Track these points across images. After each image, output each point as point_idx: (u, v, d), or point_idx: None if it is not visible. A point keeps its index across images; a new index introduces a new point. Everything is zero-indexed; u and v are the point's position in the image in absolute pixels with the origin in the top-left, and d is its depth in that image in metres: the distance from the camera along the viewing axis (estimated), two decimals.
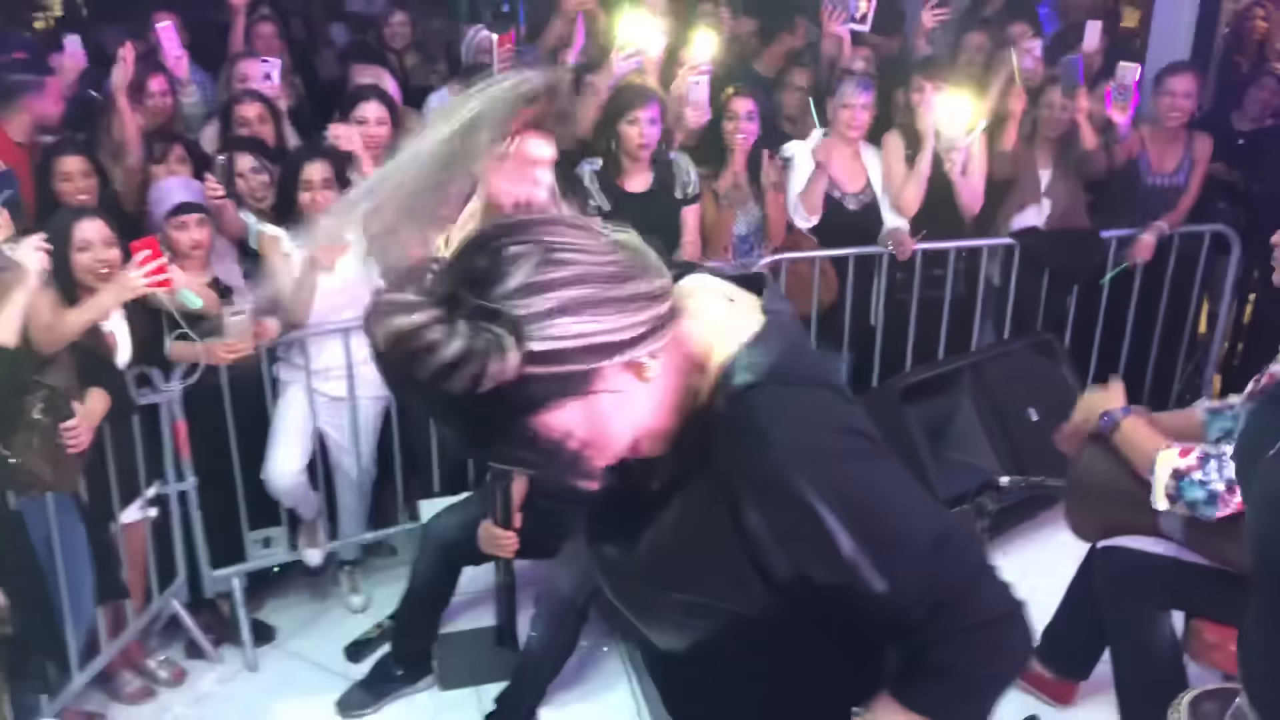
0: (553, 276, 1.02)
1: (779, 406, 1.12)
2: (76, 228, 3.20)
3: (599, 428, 1.09)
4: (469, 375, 0.99)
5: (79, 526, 3.22)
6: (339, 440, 3.88)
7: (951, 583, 1.13)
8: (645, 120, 3.88)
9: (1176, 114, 4.47)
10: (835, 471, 1.11)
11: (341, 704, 3.43)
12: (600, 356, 1.04)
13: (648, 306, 1.07)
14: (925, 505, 1.16)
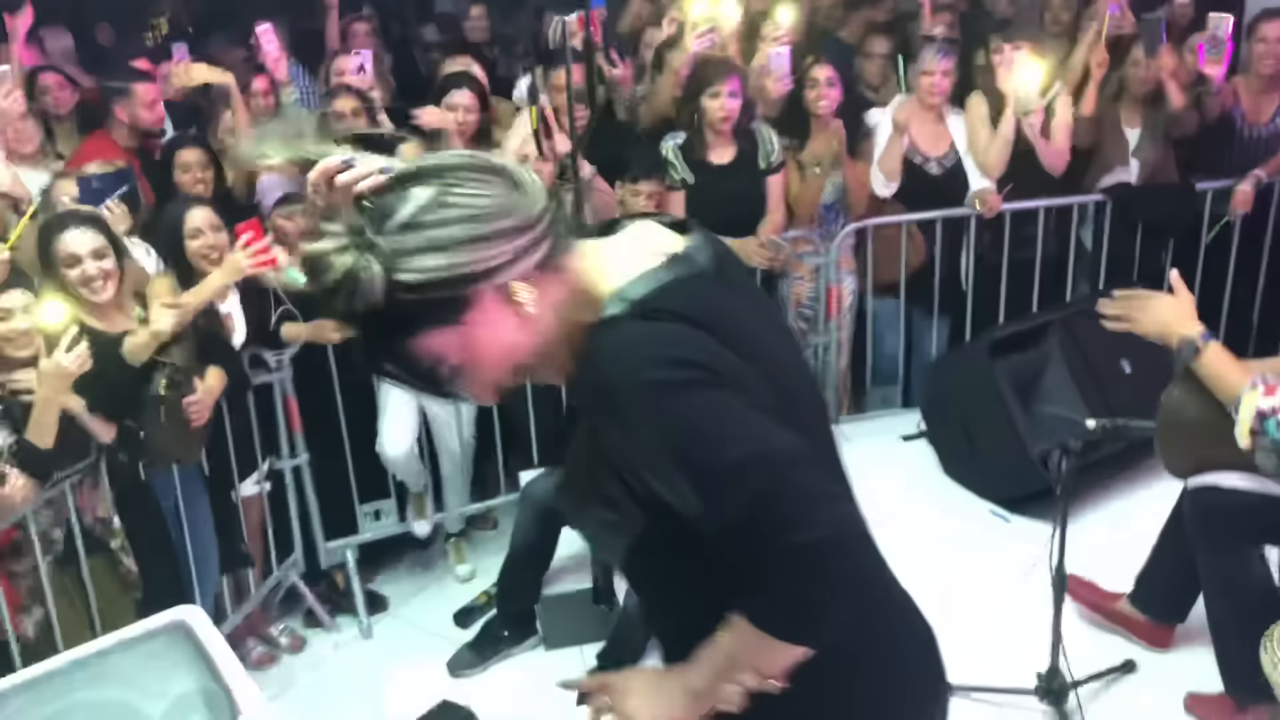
0: (431, 217, 1.17)
1: (625, 336, 1.22)
2: (187, 216, 3.40)
3: (473, 352, 1.22)
4: (345, 295, 1.16)
5: (203, 497, 3.43)
6: (441, 416, 4.03)
7: (766, 505, 1.15)
8: (726, 93, 3.95)
9: (1271, 60, 4.35)
10: (657, 398, 1.18)
11: (451, 664, 3.57)
12: (463, 286, 1.18)
13: (512, 238, 1.19)
14: (743, 431, 1.18)
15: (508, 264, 1.19)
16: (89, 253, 3.01)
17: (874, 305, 4.50)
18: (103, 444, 3.00)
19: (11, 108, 3.75)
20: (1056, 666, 2.77)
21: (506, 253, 1.19)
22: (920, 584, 3.47)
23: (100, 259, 3.03)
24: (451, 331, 1.20)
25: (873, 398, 4.70)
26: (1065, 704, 2.77)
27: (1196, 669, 2.89)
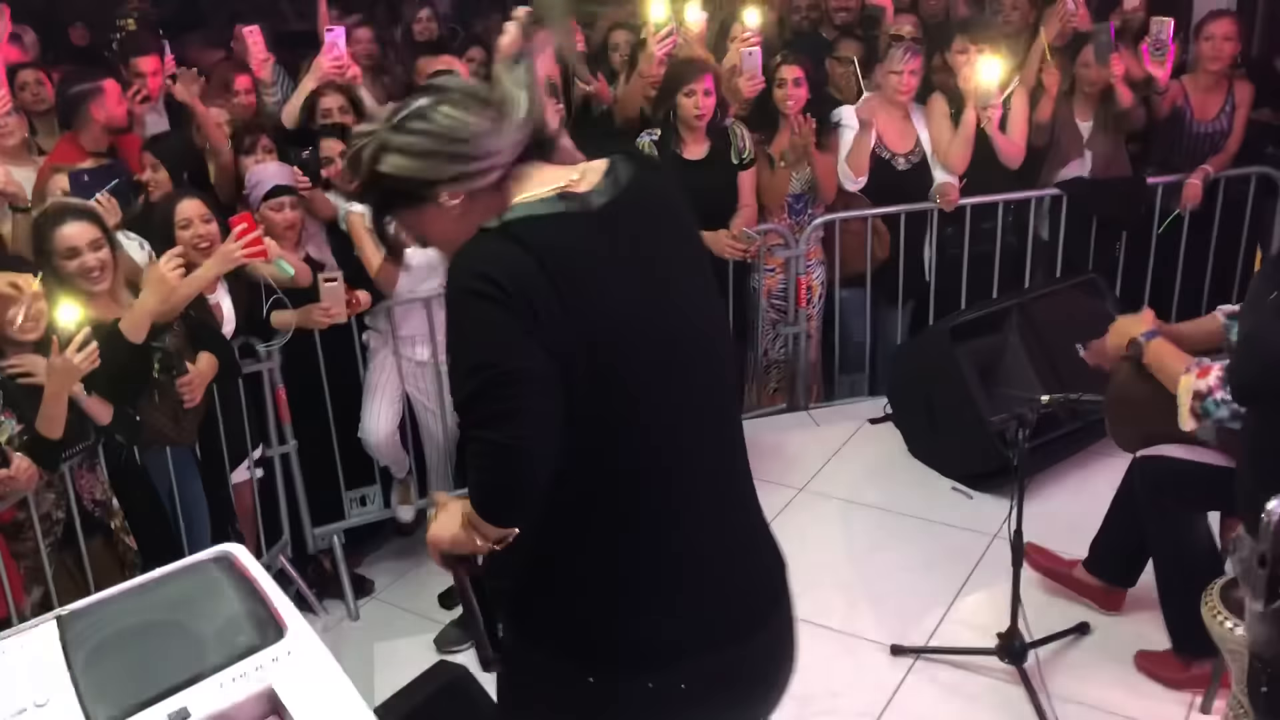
0: (414, 124, 1.53)
1: (470, 247, 1.50)
2: (178, 208, 3.51)
3: (426, 233, 1.63)
4: (349, 165, 1.61)
5: (197, 479, 3.53)
6: (425, 403, 4.15)
7: (477, 403, 1.44)
8: (700, 91, 4.10)
9: (1219, 58, 4.54)
10: (455, 298, 1.49)
11: (438, 640, 3.68)
12: (416, 186, 1.55)
13: (466, 162, 1.52)
14: (492, 343, 1.45)
15: (451, 180, 1.53)
16: (86, 244, 3.12)
17: (841, 295, 4.67)
18: (99, 426, 3.10)
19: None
20: (1015, 628, 2.93)
21: (455, 173, 1.52)
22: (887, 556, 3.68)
23: (97, 250, 3.14)
24: (411, 214, 1.60)
25: (841, 385, 4.87)
26: (1024, 663, 2.93)
27: (1146, 630, 3.07)
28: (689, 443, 1.58)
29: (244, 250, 3.36)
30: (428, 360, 4.07)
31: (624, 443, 1.53)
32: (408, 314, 4.00)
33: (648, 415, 1.54)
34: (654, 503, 1.56)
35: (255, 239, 3.38)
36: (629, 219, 1.55)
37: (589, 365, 1.46)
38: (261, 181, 3.83)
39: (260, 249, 3.41)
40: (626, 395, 1.51)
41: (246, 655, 1.54)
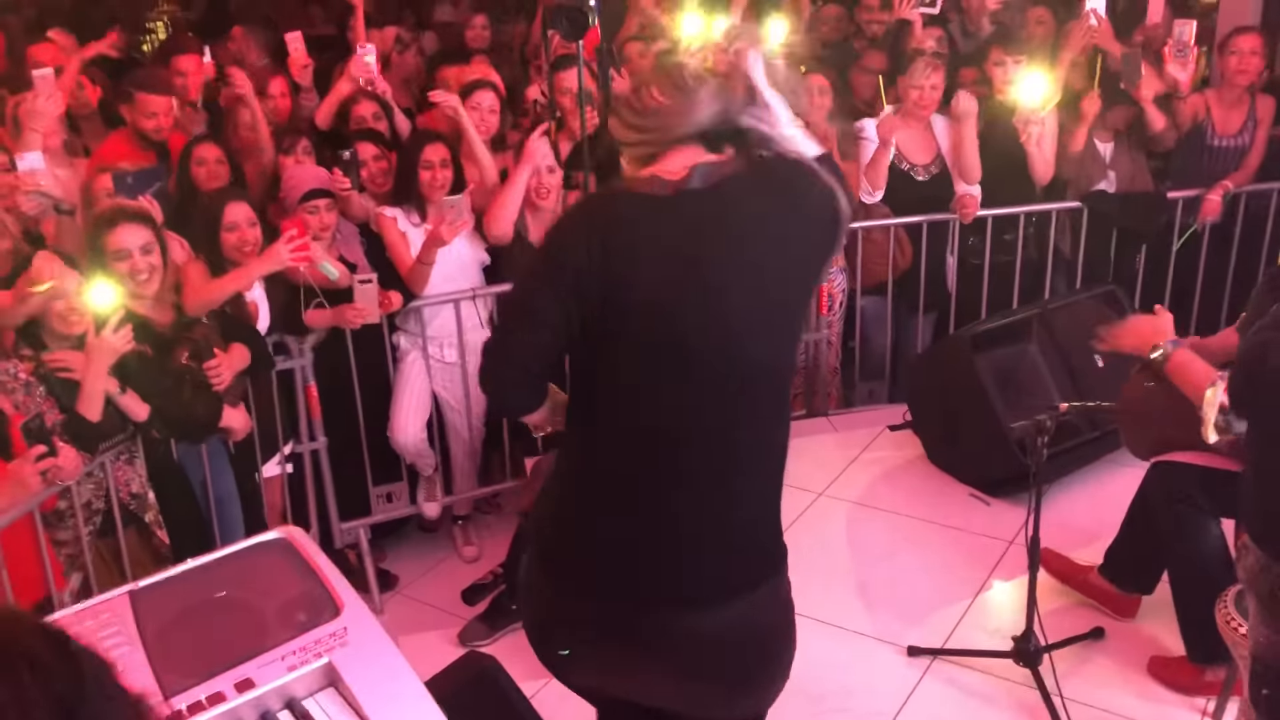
0: (623, 97, 1.86)
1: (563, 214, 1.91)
2: (227, 209, 3.59)
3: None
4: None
5: (229, 473, 3.61)
6: (452, 403, 4.24)
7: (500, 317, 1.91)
8: None
9: (1244, 72, 4.58)
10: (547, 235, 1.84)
11: (463, 635, 3.76)
12: (616, 149, 1.86)
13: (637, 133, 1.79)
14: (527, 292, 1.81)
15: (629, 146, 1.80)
16: (139, 247, 3.21)
17: (863, 303, 4.74)
18: (137, 421, 3.18)
19: (51, 109, 3.92)
20: (1030, 631, 2.99)
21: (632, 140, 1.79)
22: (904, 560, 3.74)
23: (148, 254, 3.23)
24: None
25: (860, 391, 4.94)
26: (1038, 666, 2.98)
27: (1160, 636, 3.12)
28: (679, 428, 1.76)
29: (292, 254, 3.47)
30: (455, 361, 4.16)
31: (622, 403, 1.76)
32: (436, 315, 4.09)
33: (645, 386, 1.73)
34: (636, 464, 1.78)
35: (303, 244, 3.49)
36: (696, 211, 1.71)
37: (604, 322, 1.69)
38: (299, 184, 3.92)
39: (306, 253, 3.51)
40: (627, 360, 1.72)
41: (306, 631, 1.63)
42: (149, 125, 4.28)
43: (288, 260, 3.46)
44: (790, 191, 1.73)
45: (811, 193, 1.72)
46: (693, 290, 1.68)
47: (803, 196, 1.73)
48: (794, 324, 1.85)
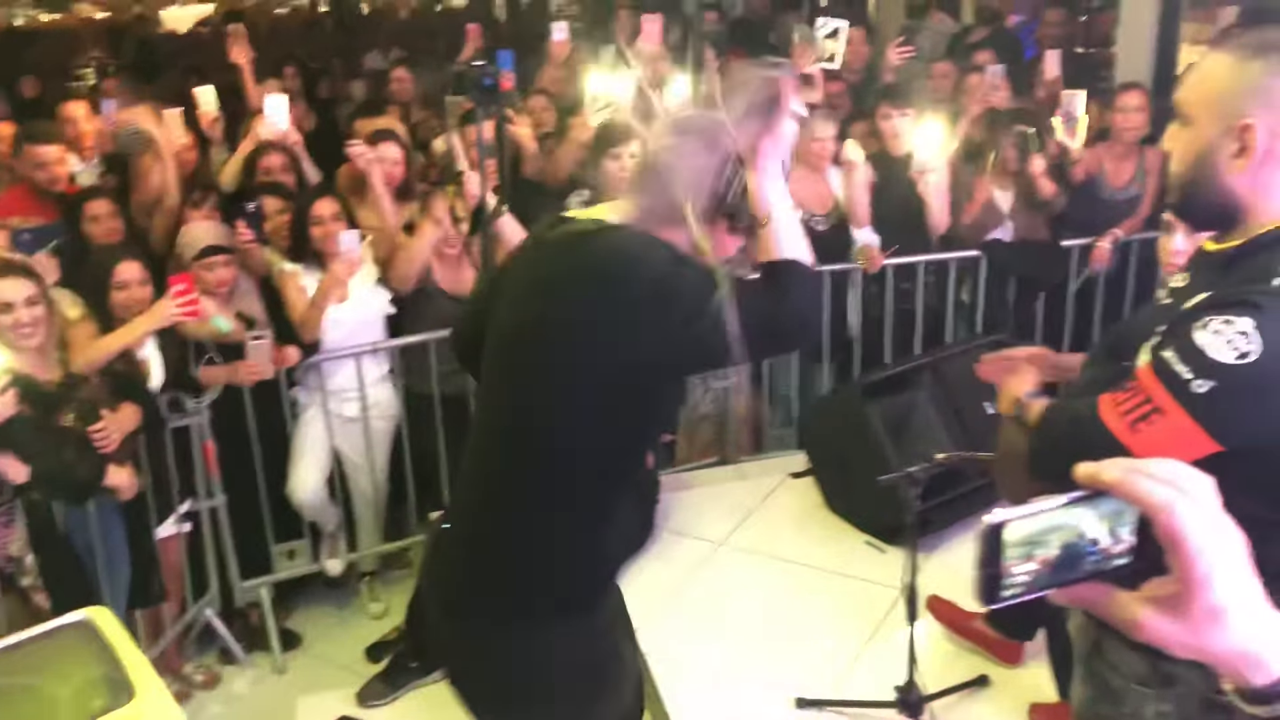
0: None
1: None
2: (117, 269, 3.57)
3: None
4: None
5: (120, 533, 3.56)
6: (354, 458, 4.22)
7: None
8: (626, 155, 4.23)
9: (1130, 128, 4.75)
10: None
11: (361, 695, 3.72)
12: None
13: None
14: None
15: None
16: (22, 300, 3.18)
17: None
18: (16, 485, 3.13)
19: None
20: (913, 680, 3.01)
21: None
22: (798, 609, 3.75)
23: (32, 306, 3.20)
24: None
25: (770, 438, 4.98)
26: (920, 716, 3.01)
27: (1042, 683, 3.15)
28: (471, 448, 1.94)
29: (180, 310, 3.44)
30: (357, 416, 4.14)
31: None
32: (337, 369, 4.08)
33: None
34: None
35: (192, 300, 3.47)
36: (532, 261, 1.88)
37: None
38: (195, 240, 3.91)
39: (195, 309, 3.49)
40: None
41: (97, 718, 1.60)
42: (41, 176, 4.25)
43: (174, 317, 3.43)
44: (589, 269, 1.74)
45: (630, 283, 1.68)
46: (501, 329, 1.84)
47: (609, 281, 1.72)
48: (561, 394, 1.75)
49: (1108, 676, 1.76)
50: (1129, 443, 1.55)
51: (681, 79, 4.73)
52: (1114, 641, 1.75)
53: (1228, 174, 1.57)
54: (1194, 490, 0.82)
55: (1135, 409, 1.55)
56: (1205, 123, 1.60)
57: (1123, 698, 1.75)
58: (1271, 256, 1.53)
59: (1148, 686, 1.70)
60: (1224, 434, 1.49)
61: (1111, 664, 1.75)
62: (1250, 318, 1.46)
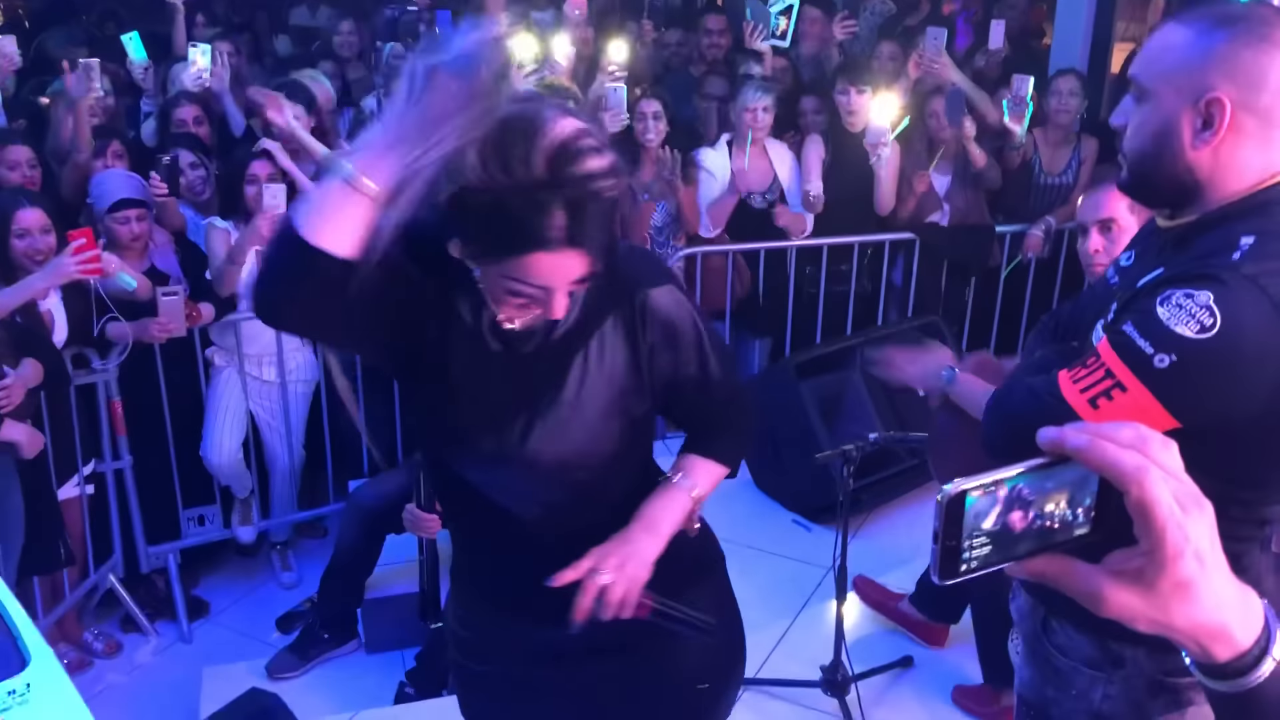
0: None
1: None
2: (17, 215, 3.37)
3: None
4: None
5: (16, 493, 3.38)
6: (270, 423, 4.07)
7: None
8: None
9: (1065, 113, 4.76)
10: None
11: (270, 667, 3.60)
12: None
13: None
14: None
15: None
16: None
17: None
18: None
19: None
20: (839, 660, 2.99)
21: None
22: None
23: None
24: None
25: None
26: (846, 696, 2.99)
27: (966, 664, 3.16)
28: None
29: (79, 267, 3.26)
30: (275, 380, 4.00)
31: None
32: (255, 331, 3.92)
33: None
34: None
35: (93, 256, 3.27)
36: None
37: None
38: (107, 192, 3.72)
39: (96, 267, 3.30)
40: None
41: None
42: None
43: (75, 273, 3.25)
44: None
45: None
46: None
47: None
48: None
49: (1054, 659, 1.73)
50: (1089, 418, 1.50)
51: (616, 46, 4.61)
52: (1063, 623, 1.72)
53: (1191, 150, 1.52)
54: (1163, 457, 0.78)
55: (1095, 385, 1.50)
56: (1166, 97, 1.55)
57: (1070, 680, 1.71)
58: (1230, 230, 1.50)
59: (1097, 669, 1.67)
60: (1184, 410, 1.45)
61: (1059, 646, 1.72)
62: (1211, 291, 1.42)
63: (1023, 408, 1.60)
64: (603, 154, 1.38)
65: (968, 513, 0.78)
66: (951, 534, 0.78)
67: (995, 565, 0.81)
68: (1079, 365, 1.53)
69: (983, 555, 0.80)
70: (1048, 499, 0.81)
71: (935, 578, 0.79)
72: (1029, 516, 0.81)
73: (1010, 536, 0.80)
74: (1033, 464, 0.81)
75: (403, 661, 3.61)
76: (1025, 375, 1.70)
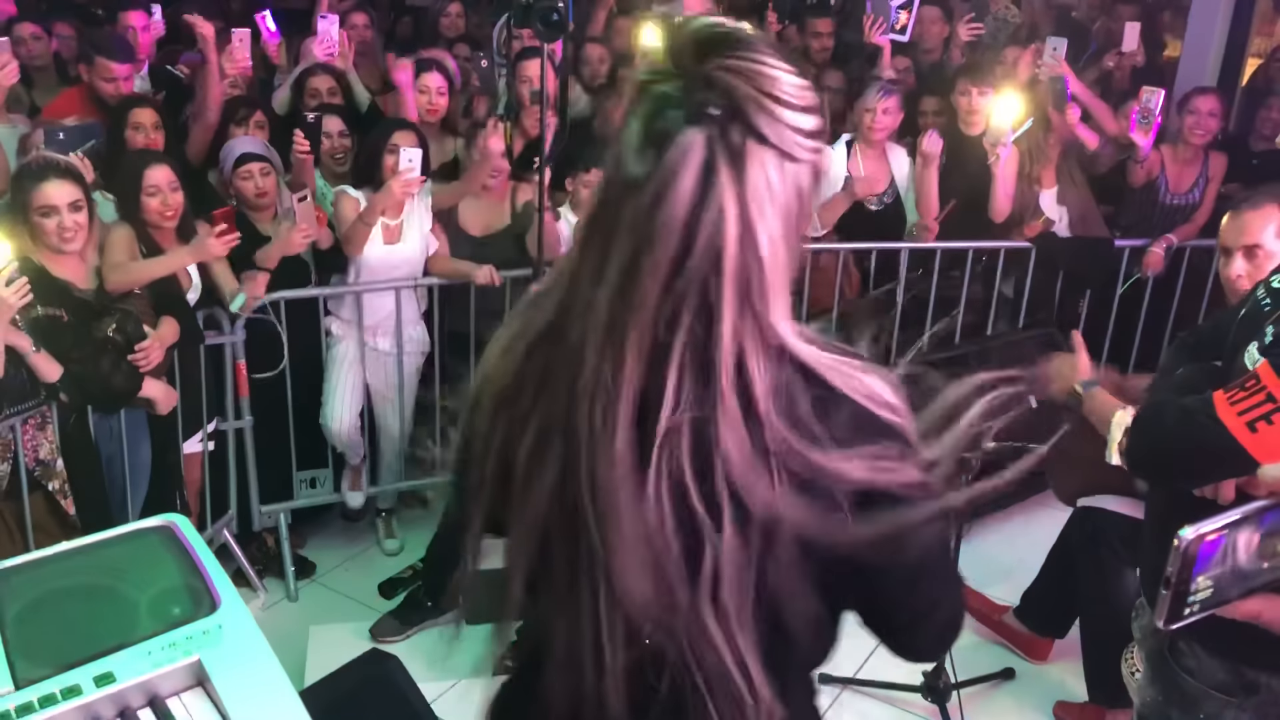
0: None
1: None
2: (147, 172, 3.48)
3: None
4: None
5: (146, 446, 3.52)
6: (383, 392, 4.17)
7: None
8: None
9: (1201, 132, 4.63)
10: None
11: (374, 630, 3.70)
12: None
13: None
14: None
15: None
16: (67, 204, 3.12)
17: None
18: (47, 383, 3.07)
19: (5, 79, 3.78)
20: (941, 668, 2.98)
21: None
22: None
23: (76, 211, 3.14)
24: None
25: None
26: (946, 702, 2.98)
27: (1068, 680, 3.13)
28: None
29: (222, 247, 3.43)
30: (390, 351, 4.09)
31: None
32: (375, 302, 4.02)
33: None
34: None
35: (233, 239, 3.44)
36: None
37: None
38: (231, 153, 3.84)
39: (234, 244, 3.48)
40: None
41: (177, 626, 1.56)
42: (108, 90, 4.18)
43: (218, 253, 3.43)
44: None
45: None
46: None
47: None
48: None
49: (1183, 682, 1.72)
50: (1247, 442, 1.49)
51: None
52: (1193, 645, 1.71)
53: None
54: None
55: (1255, 408, 1.49)
56: None
57: (1198, 703, 1.70)
58: None
59: (1228, 695, 1.66)
60: None
61: (1188, 669, 1.71)
62: None
63: (1176, 428, 1.59)
64: None
65: (1199, 557, 0.79)
66: (1183, 579, 0.79)
67: (1212, 608, 0.82)
68: (1236, 388, 1.52)
69: (1204, 598, 0.81)
70: (1275, 541, 0.82)
71: (1160, 622, 0.80)
72: (1253, 559, 0.82)
73: (1232, 579, 0.81)
74: (1258, 507, 0.82)
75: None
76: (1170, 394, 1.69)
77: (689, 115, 0.98)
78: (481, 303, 4.07)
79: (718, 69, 0.98)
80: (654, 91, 1.01)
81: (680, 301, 0.99)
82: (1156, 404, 1.74)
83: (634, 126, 1.01)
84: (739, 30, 1.01)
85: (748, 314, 1.01)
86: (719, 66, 0.98)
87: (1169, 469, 1.66)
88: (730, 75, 0.98)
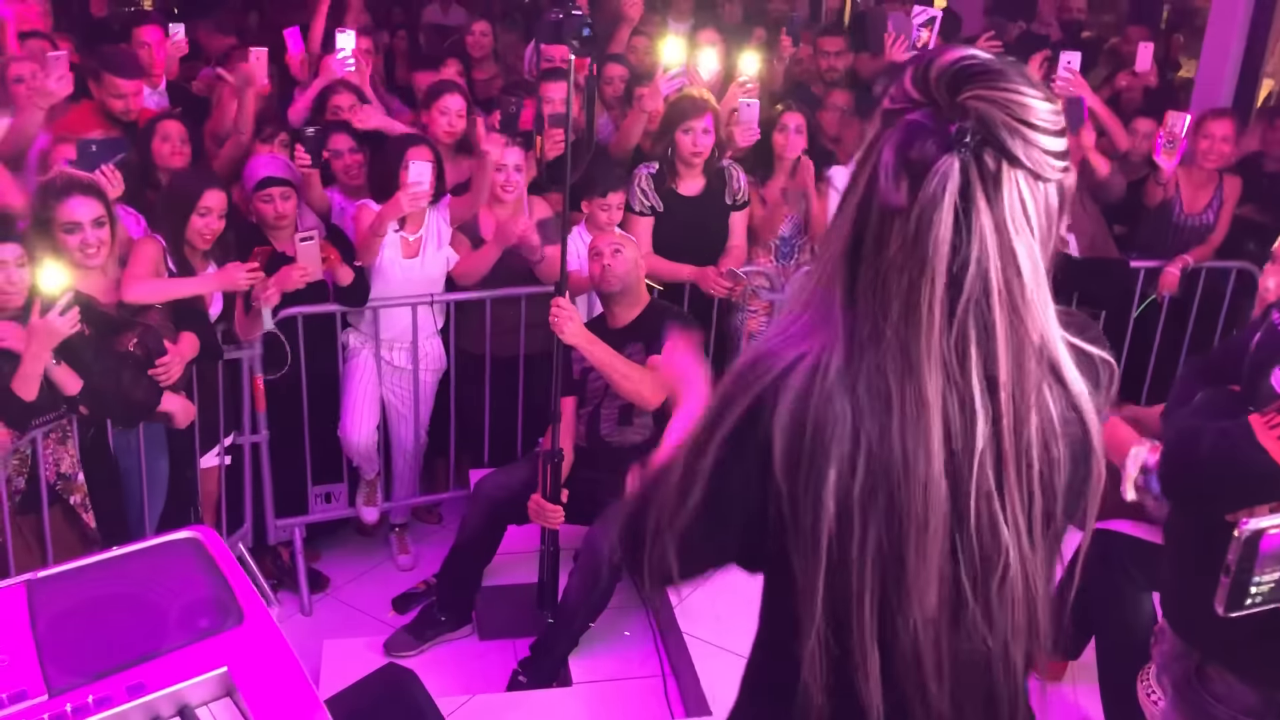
0: None
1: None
2: (206, 193, 3.52)
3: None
4: None
5: (163, 460, 3.54)
6: (398, 407, 4.19)
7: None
8: (699, 130, 4.16)
9: (1214, 157, 4.64)
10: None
11: (388, 645, 3.70)
12: None
13: None
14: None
15: None
16: (90, 221, 3.15)
17: None
18: (67, 397, 3.08)
19: (60, 91, 3.76)
20: None
21: None
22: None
23: (99, 227, 3.17)
24: None
25: None
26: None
27: (1082, 701, 3.12)
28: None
29: (247, 281, 3.53)
30: (406, 367, 4.11)
31: None
32: (392, 317, 4.04)
33: None
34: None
35: (259, 279, 3.57)
36: None
37: None
38: (254, 172, 3.88)
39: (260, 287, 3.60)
40: None
41: (205, 637, 1.58)
42: (117, 106, 4.22)
43: (240, 287, 3.52)
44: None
45: None
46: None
47: None
48: None
49: (1210, 707, 1.72)
50: None
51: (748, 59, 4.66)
52: (1221, 670, 1.71)
53: None
54: None
55: None
56: None
57: None
58: None
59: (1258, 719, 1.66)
60: None
61: (1216, 694, 1.71)
62: None
63: (1216, 452, 1.60)
64: None
65: (1262, 549, 0.82)
66: (1244, 568, 0.82)
67: (1275, 602, 0.84)
68: (1273, 411, 1.53)
69: (1267, 591, 0.83)
70: None
71: (1220, 608, 0.82)
72: None
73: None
74: None
75: (514, 650, 3.69)
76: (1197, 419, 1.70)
77: (946, 142, 1.04)
78: (496, 323, 4.10)
79: (971, 99, 1.05)
80: (905, 121, 1.07)
81: (963, 323, 1.07)
82: (1190, 429, 1.75)
83: (885, 155, 1.07)
84: (994, 62, 1.08)
85: (1015, 328, 1.09)
86: (973, 96, 1.05)
87: (1205, 494, 1.66)
88: (984, 104, 1.05)
